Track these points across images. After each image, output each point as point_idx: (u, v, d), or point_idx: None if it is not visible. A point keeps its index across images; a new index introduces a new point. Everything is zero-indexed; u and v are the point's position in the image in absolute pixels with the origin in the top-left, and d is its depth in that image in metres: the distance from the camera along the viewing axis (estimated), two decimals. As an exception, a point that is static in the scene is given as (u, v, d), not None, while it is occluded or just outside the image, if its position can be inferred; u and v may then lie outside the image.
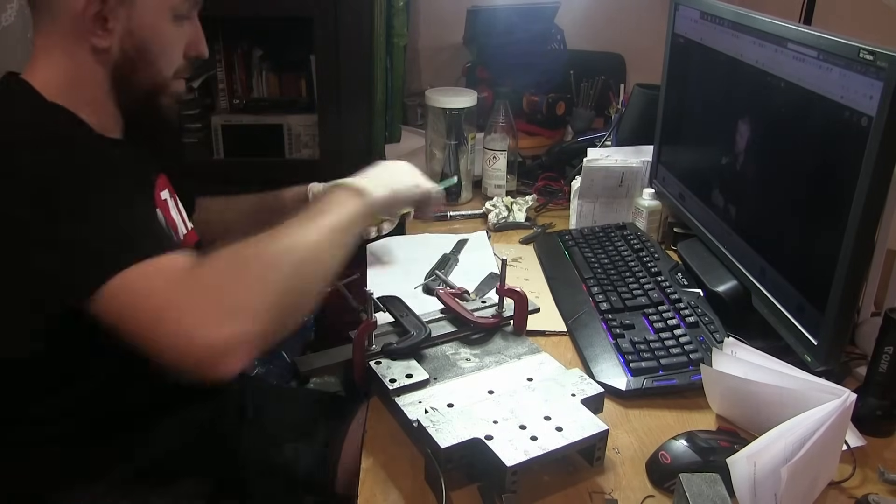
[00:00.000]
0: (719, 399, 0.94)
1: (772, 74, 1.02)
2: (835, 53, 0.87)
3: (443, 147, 1.60)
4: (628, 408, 0.96)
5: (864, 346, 1.06)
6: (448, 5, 2.13)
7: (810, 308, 0.93)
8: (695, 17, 1.26)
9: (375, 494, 0.82)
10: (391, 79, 2.01)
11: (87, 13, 0.84)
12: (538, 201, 1.58)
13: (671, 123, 1.41)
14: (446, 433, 0.80)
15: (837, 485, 0.84)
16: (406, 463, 0.86)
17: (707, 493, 0.72)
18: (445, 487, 0.78)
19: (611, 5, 2.11)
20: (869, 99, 0.81)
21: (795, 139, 0.98)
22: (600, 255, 1.31)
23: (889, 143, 0.79)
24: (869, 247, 0.89)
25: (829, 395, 0.80)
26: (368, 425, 0.92)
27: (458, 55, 2.18)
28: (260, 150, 2.11)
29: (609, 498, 0.81)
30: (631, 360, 1.01)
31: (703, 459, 0.81)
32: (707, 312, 1.10)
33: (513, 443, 0.79)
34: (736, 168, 1.14)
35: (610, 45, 2.14)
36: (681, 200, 1.35)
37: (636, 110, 1.58)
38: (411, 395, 0.90)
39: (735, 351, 0.93)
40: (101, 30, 0.86)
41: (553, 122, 1.99)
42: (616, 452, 0.88)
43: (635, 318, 1.11)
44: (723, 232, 1.18)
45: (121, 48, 0.88)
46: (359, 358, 0.95)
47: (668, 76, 1.40)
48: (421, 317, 1.03)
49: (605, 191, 1.45)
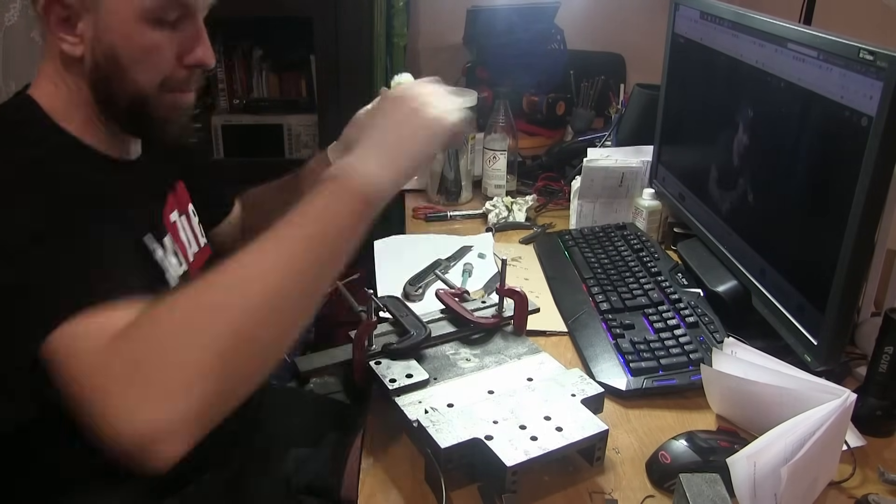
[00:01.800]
0: (719, 399, 0.94)
1: (772, 74, 1.02)
2: (835, 53, 0.87)
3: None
4: (628, 408, 0.96)
5: (864, 346, 1.06)
6: (448, 5, 2.13)
7: (810, 308, 0.93)
8: (695, 17, 1.26)
9: (375, 494, 0.82)
10: (391, 79, 2.01)
11: (50, 16, 0.78)
12: (538, 201, 1.58)
13: (671, 123, 1.41)
14: (446, 433, 0.80)
15: (837, 485, 0.84)
16: (406, 463, 0.86)
17: (707, 493, 0.72)
18: (445, 487, 0.78)
19: (611, 5, 2.11)
20: (869, 99, 0.81)
21: (795, 139, 0.98)
22: (600, 255, 1.31)
23: (889, 143, 0.79)
24: (869, 247, 0.89)
25: (829, 395, 0.79)
26: (368, 425, 0.92)
27: (458, 55, 2.18)
28: (260, 150, 2.11)
29: (609, 498, 0.81)
30: (631, 360, 1.01)
31: (703, 459, 0.81)
32: (707, 312, 1.10)
33: (513, 443, 0.79)
34: (736, 168, 1.14)
35: (610, 45, 2.14)
36: (681, 200, 1.35)
37: (636, 110, 1.58)
38: (411, 395, 0.90)
39: (735, 351, 0.93)
40: (70, 35, 0.79)
41: (553, 122, 1.99)
42: (616, 452, 0.88)
43: (635, 318, 1.12)
44: (723, 232, 1.18)
45: (92, 56, 0.80)
46: (359, 358, 0.95)
47: (668, 76, 1.40)
48: (421, 317, 1.03)
49: (605, 191, 1.45)
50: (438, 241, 1.44)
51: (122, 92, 0.82)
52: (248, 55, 2.11)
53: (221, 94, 2.14)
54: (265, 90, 2.14)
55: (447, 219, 1.56)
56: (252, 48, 2.11)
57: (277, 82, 2.14)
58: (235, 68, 2.12)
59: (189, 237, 1.00)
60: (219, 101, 2.14)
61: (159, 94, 0.84)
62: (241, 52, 2.10)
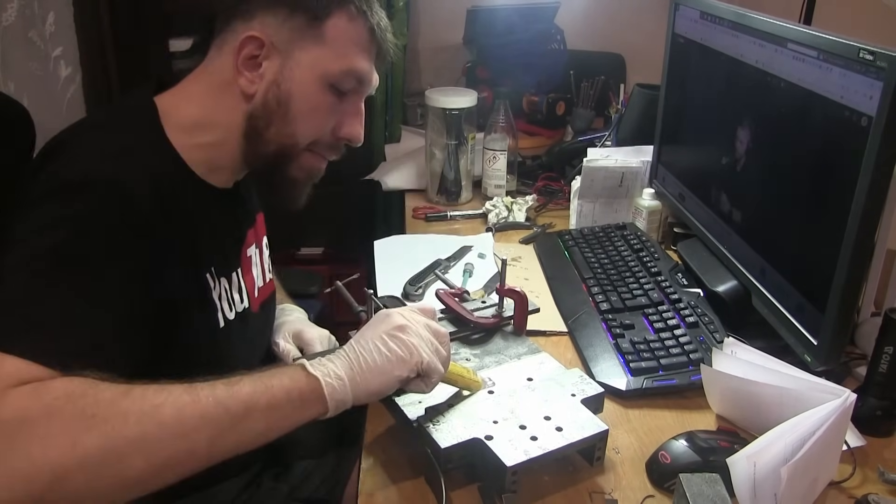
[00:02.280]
0: (719, 399, 0.94)
1: (772, 74, 1.02)
2: (835, 53, 0.87)
3: (443, 147, 1.60)
4: (628, 408, 0.96)
5: (864, 346, 1.06)
6: (448, 5, 2.13)
7: (810, 308, 0.93)
8: (695, 17, 1.26)
9: (375, 494, 0.82)
10: (391, 79, 2.01)
11: (243, 51, 0.83)
12: (538, 201, 1.59)
13: (671, 123, 1.41)
14: (446, 433, 0.80)
15: (837, 485, 0.84)
16: (406, 463, 0.86)
17: (707, 493, 0.72)
18: (445, 487, 0.78)
19: (611, 5, 2.11)
20: (869, 99, 0.81)
21: (795, 139, 0.98)
22: (600, 255, 1.31)
23: (889, 143, 0.79)
24: (869, 247, 0.89)
25: (829, 395, 0.79)
26: (368, 425, 0.92)
27: (458, 55, 2.18)
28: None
29: (609, 498, 0.81)
30: (631, 360, 1.01)
31: (703, 459, 0.81)
32: (707, 312, 1.10)
33: (513, 443, 0.79)
34: (736, 168, 1.14)
35: (610, 45, 2.14)
36: (681, 200, 1.35)
37: (636, 110, 1.58)
38: (411, 395, 0.90)
39: (735, 351, 0.93)
40: (252, 73, 0.84)
41: (553, 122, 1.99)
42: (616, 452, 0.88)
43: (635, 318, 1.11)
44: (723, 232, 1.18)
45: (264, 96, 0.85)
46: (359, 358, 0.95)
47: (668, 76, 1.40)
48: (421, 317, 1.03)
49: (605, 191, 1.45)
50: (438, 241, 1.44)
51: (277, 137, 0.86)
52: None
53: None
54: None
55: (447, 219, 1.56)
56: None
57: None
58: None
59: (258, 273, 0.99)
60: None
61: (304, 152, 0.89)
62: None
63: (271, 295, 1.04)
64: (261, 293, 1.00)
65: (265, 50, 0.84)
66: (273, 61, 0.84)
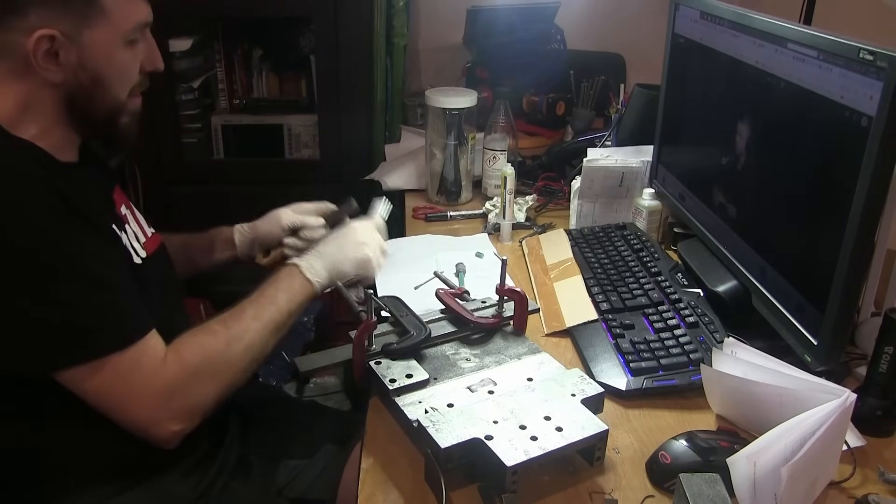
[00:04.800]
0: (719, 399, 0.94)
1: (772, 74, 1.02)
2: (835, 53, 0.87)
3: (443, 147, 1.60)
4: (628, 408, 0.96)
5: (864, 346, 1.06)
6: (448, 5, 2.13)
7: (810, 308, 0.93)
8: (695, 17, 1.26)
9: (375, 494, 0.82)
10: (391, 79, 2.01)
11: (37, 52, 0.84)
12: (538, 201, 1.58)
13: (671, 123, 1.41)
14: (446, 433, 0.80)
15: (837, 485, 0.84)
16: (406, 463, 0.86)
17: (707, 493, 0.72)
18: (445, 487, 0.78)
19: (611, 5, 2.11)
20: (869, 99, 0.81)
21: (795, 139, 0.98)
22: (600, 255, 1.31)
23: (889, 143, 0.79)
24: (869, 247, 0.89)
25: (829, 395, 0.79)
26: (368, 425, 0.92)
27: (458, 55, 2.18)
28: (260, 150, 2.11)
29: (609, 498, 0.81)
30: (631, 360, 1.01)
31: (703, 459, 0.81)
32: (707, 312, 1.10)
33: (513, 443, 0.79)
34: (736, 168, 1.14)
35: (610, 45, 2.14)
36: (681, 200, 1.35)
37: (636, 110, 1.58)
38: (411, 395, 0.90)
39: (735, 351, 0.93)
40: (53, 65, 0.86)
41: (553, 122, 1.99)
42: (616, 452, 0.88)
43: (635, 318, 1.11)
44: (723, 232, 1.18)
45: (75, 80, 0.88)
46: (359, 358, 0.95)
47: (668, 76, 1.40)
48: (421, 317, 1.03)
49: (605, 191, 1.45)
50: (438, 241, 1.44)
51: (102, 105, 0.92)
52: (248, 55, 2.11)
53: (221, 95, 2.14)
54: (265, 90, 2.14)
55: (447, 219, 1.56)
56: (252, 48, 2.10)
57: (277, 82, 2.14)
58: (235, 68, 2.12)
59: (137, 229, 1.01)
60: (219, 102, 2.14)
61: (126, 102, 0.95)
62: (241, 52, 2.10)
63: (161, 246, 1.07)
64: (148, 245, 1.02)
65: (56, 43, 0.85)
66: (69, 51, 0.86)
